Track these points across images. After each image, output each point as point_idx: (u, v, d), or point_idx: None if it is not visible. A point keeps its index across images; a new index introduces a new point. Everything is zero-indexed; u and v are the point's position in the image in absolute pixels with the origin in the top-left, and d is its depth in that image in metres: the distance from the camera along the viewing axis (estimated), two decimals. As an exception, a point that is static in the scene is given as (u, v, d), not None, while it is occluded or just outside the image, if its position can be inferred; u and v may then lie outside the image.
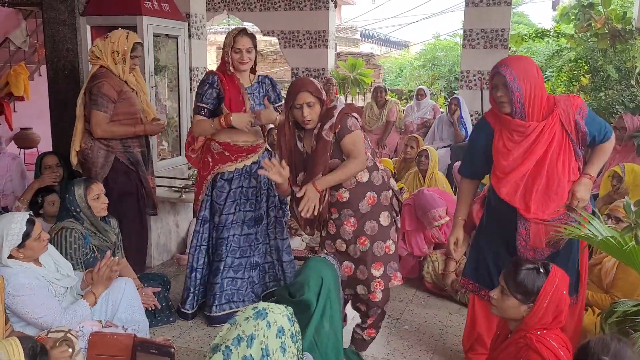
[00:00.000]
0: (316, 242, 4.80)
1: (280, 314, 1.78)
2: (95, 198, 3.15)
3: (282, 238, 3.63)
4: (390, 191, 2.92)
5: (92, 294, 2.75)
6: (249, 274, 3.53)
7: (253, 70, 3.44)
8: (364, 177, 2.82)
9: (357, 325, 3.09)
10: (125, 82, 3.68)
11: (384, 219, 2.87)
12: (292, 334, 1.78)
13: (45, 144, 7.89)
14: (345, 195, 2.83)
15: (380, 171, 2.88)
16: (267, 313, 1.75)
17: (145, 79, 4.16)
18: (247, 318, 1.73)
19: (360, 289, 2.91)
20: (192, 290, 3.53)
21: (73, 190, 3.11)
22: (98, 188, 3.19)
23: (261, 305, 1.80)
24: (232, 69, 3.28)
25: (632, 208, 1.66)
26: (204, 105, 3.28)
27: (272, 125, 4.04)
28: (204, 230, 3.49)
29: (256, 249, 3.55)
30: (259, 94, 3.41)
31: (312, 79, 2.85)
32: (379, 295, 2.90)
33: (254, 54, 3.32)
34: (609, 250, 2.37)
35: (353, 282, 2.91)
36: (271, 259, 3.65)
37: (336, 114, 2.73)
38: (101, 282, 2.78)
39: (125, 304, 2.89)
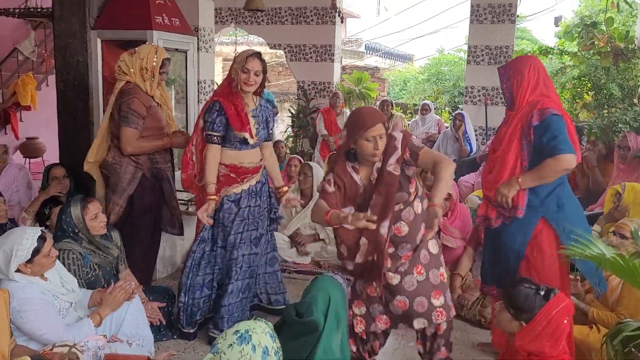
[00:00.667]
0: (321, 257, 4.81)
1: (262, 333, 1.77)
2: (93, 217, 3.08)
3: (267, 252, 3.69)
4: None
5: (98, 315, 2.73)
6: (247, 294, 3.53)
7: (258, 93, 3.46)
8: (419, 207, 2.70)
9: None
10: (152, 96, 3.67)
11: (432, 246, 2.76)
12: (275, 350, 1.78)
13: (51, 153, 7.95)
14: (404, 229, 2.66)
15: (425, 198, 2.75)
16: (250, 336, 1.73)
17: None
18: (231, 345, 1.70)
19: (418, 323, 2.71)
20: (187, 310, 3.46)
21: (69, 210, 3.04)
22: (95, 207, 3.12)
23: (242, 327, 1.77)
24: (237, 87, 3.30)
25: (640, 235, 1.69)
26: (216, 133, 3.29)
27: (292, 156, 4.09)
28: (199, 251, 3.45)
29: (257, 270, 3.58)
30: (262, 117, 3.45)
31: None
32: (443, 326, 2.74)
33: (261, 78, 3.34)
34: (615, 269, 2.39)
35: (409, 317, 2.71)
36: (257, 275, 3.67)
37: (399, 145, 2.59)
38: (111, 304, 2.76)
39: (130, 318, 2.90)
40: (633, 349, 2.39)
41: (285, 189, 3.68)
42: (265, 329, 1.80)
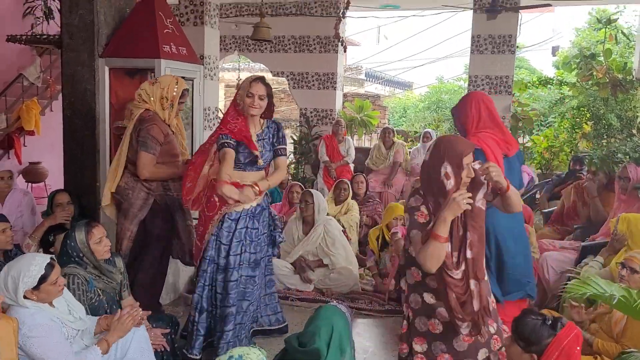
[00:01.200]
0: (324, 284, 4.81)
1: (257, 358, 1.79)
2: (98, 242, 3.07)
3: (266, 275, 3.72)
4: None
5: (106, 342, 2.71)
6: (245, 319, 3.52)
7: (267, 117, 3.52)
8: None
9: None
10: (168, 125, 3.78)
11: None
12: None
13: (54, 179, 7.98)
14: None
15: None
16: None
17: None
18: None
19: (482, 354, 2.55)
20: (202, 333, 3.49)
21: (74, 235, 3.03)
22: (100, 232, 3.12)
23: (236, 352, 1.79)
24: (243, 112, 3.37)
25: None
26: (230, 141, 3.32)
27: (293, 182, 4.12)
28: (211, 270, 3.47)
29: (256, 293, 3.57)
30: (269, 140, 3.49)
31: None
32: (504, 351, 2.61)
33: (266, 102, 3.39)
34: (622, 308, 2.41)
35: (474, 350, 2.54)
36: (257, 299, 3.67)
37: (482, 179, 2.45)
38: (119, 330, 2.74)
39: (135, 346, 2.88)
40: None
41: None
42: (260, 356, 1.81)
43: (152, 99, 3.69)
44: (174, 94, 3.71)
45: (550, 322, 2.22)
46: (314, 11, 8.68)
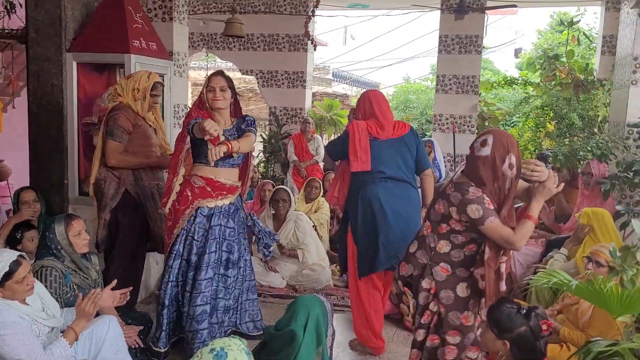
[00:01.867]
0: (296, 281, 4.83)
1: (238, 350, 1.79)
2: (77, 235, 3.11)
3: (250, 279, 3.70)
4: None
5: (72, 330, 2.67)
6: (222, 317, 3.49)
7: (236, 114, 3.49)
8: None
9: None
10: (144, 118, 3.83)
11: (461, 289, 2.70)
12: None
13: (17, 177, 7.76)
14: None
15: None
16: (226, 353, 1.75)
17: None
18: None
19: None
20: (164, 328, 3.45)
21: (53, 227, 3.07)
22: (79, 224, 3.16)
23: (217, 344, 1.79)
24: (208, 108, 3.37)
25: (618, 254, 1.79)
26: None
27: (265, 180, 4.12)
28: (177, 265, 3.41)
29: (232, 293, 3.54)
30: (237, 136, 3.42)
31: None
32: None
33: (230, 94, 3.38)
34: (584, 295, 2.50)
35: None
36: (236, 302, 3.64)
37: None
38: (82, 316, 2.70)
39: (109, 343, 2.85)
40: (603, 367, 2.50)
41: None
42: (240, 345, 1.82)
43: (124, 91, 3.78)
44: (145, 85, 3.77)
45: (524, 311, 2.29)
46: (283, 9, 8.67)
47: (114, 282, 2.98)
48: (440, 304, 2.67)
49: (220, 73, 3.39)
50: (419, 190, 3.76)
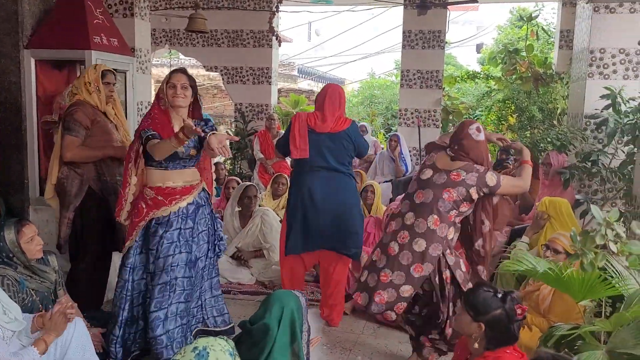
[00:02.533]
0: (265, 277, 4.82)
1: (221, 351, 1.78)
2: (29, 241, 2.97)
3: (212, 277, 3.57)
4: None
5: (44, 342, 2.61)
6: (184, 320, 3.34)
7: (195, 115, 3.37)
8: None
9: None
10: (105, 114, 3.75)
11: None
12: None
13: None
14: None
15: None
16: (208, 353, 1.74)
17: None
18: None
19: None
20: (125, 344, 3.28)
21: (2, 235, 2.91)
22: (31, 230, 3.01)
23: (200, 343, 1.78)
24: (167, 105, 3.22)
25: (578, 238, 1.85)
26: (154, 132, 3.15)
27: (230, 177, 4.06)
28: (131, 279, 3.27)
29: (194, 294, 3.41)
30: (195, 136, 3.22)
31: None
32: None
33: (190, 93, 3.26)
34: (549, 280, 2.58)
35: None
36: (200, 301, 3.52)
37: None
38: (54, 328, 2.64)
39: (75, 344, 2.79)
40: (565, 349, 2.59)
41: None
42: (225, 346, 1.80)
43: (79, 89, 3.72)
44: (94, 75, 3.71)
45: (500, 295, 2.34)
46: (247, 5, 8.62)
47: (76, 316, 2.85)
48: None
49: (182, 70, 3.28)
50: (354, 179, 4.10)
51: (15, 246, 2.92)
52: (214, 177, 6.17)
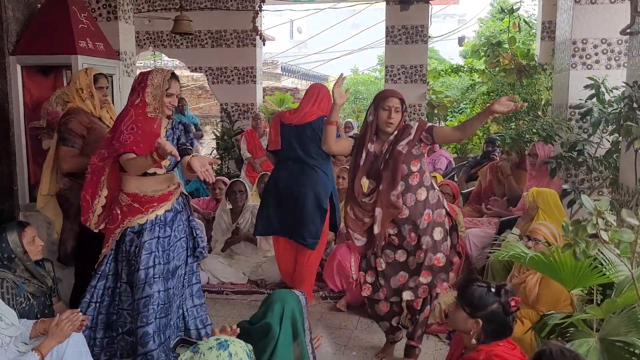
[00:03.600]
0: (257, 275, 4.84)
1: (240, 348, 1.84)
2: (31, 241, 3.03)
3: (192, 284, 3.40)
4: (444, 210, 3.25)
5: (45, 348, 2.58)
6: (169, 333, 3.20)
7: (180, 111, 3.42)
8: (422, 195, 3.16)
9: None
10: (100, 118, 3.68)
11: (437, 234, 3.20)
12: None
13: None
14: (404, 212, 3.14)
15: (436, 190, 3.25)
16: (228, 344, 1.81)
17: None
18: (211, 348, 1.79)
19: (407, 295, 3.25)
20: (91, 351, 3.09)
21: (4, 236, 2.96)
22: (32, 231, 3.08)
23: (223, 337, 1.86)
24: (157, 112, 3.08)
25: (570, 228, 1.90)
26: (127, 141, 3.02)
27: (217, 178, 4.06)
28: (101, 286, 3.16)
29: (173, 305, 3.23)
30: (172, 139, 3.18)
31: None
32: (424, 305, 3.33)
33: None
34: (536, 266, 2.65)
35: (401, 289, 3.27)
36: (181, 310, 3.35)
37: (413, 131, 3.12)
38: (58, 336, 2.61)
39: (71, 350, 2.77)
40: (558, 338, 2.64)
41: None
42: (244, 346, 1.86)
43: (70, 96, 3.65)
44: (86, 81, 3.63)
45: (494, 289, 2.37)
46: (229, 5, 8.61)
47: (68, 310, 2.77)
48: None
49: (177, 78, 3.17)
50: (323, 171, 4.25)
51: (18, 246, 2.97)
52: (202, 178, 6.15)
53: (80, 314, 2.74)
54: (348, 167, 6.03)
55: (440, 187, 5.19)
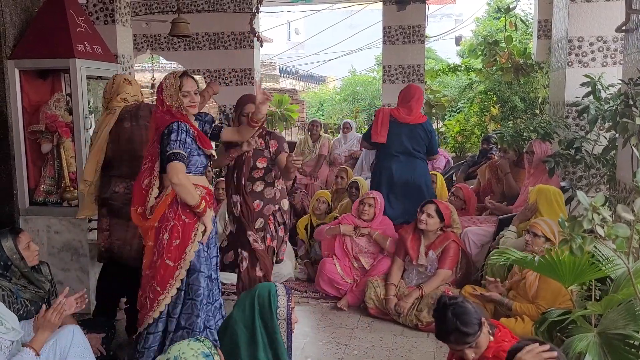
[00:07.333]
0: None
1: (193, 356, 1.80)
2: (26, 247, 3.00)
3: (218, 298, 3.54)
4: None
5: (37, 341, 2.60)
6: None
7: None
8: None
9: None
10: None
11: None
12: None
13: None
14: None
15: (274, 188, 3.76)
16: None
17: (79, 122, 4.15)
18: None
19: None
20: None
21: None
22: (27, 237, 3.05)
23: (173, 351, 1.82)
24: (183, 111, 3.04)
25: (566, 224, 1.91)
26: (184, 152, 2.95)
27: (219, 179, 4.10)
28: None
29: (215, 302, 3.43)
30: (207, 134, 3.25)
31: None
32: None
33: (199, 97, 3.21)
34: (539, 268, 2.66)
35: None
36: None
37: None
38: (47, 327, 2.62)
39: (74, 352, 2.80)
40: (558, 334, 2.66)
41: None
42: (199, 349, 1.83)
43: (135, 96, 3.67)
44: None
45: (447, 300, 2.45)
46: (227, 7, 8.62)
47: (66, 289, 2.77)
48: None
49: (189, 74, 3.11)
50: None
51: (14, 253, 2.96)
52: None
53: (64, 302, 2.67)
54: (346, 168, 6.09)
55: (454, 190, 5.28)
